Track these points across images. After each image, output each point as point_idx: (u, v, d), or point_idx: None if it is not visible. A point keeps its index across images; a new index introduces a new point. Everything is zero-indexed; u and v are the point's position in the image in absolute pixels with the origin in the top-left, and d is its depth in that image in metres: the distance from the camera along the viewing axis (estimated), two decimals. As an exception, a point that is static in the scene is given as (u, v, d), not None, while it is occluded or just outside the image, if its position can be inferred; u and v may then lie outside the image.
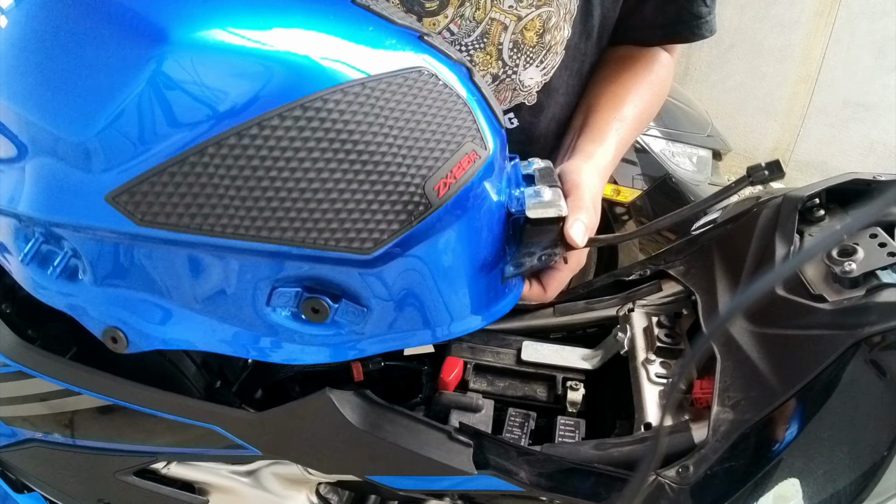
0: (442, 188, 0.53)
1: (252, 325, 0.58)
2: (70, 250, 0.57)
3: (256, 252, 0.53)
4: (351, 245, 0.53)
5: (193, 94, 0.48)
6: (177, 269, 0.55)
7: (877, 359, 0.68)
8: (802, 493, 0.68)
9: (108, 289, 0.59)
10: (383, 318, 0.60)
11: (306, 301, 0.55)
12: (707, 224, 1.13)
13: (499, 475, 0.78)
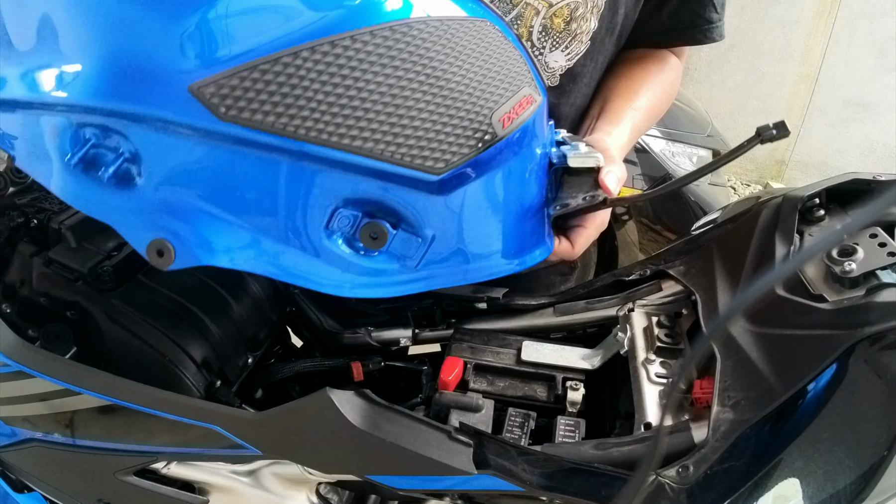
0: (506, 121, 0.57)
1: (306, 248, 0.57)
2: (126, 152, 0.53)
3: (331, 162, 0.52)
4: (424, 163, 0.54)
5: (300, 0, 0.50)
6: (245, 175, 0.53)
7: (877, 359, 0.68)
8: (802, 493, 0.68)
9: (164, 195, 0.55)
10: (436, 251, 0.60)
11: (366, 226, 0.55)
12: (707, 224, 1.13)
13: (499, 475, 0.78)
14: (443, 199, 0.57)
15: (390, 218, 0.56)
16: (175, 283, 1.00)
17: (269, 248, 0.58)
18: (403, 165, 0.54)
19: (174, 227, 0.56)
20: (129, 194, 0.56)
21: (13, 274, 0.95)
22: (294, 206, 0.55)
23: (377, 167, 0.53)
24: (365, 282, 0.60)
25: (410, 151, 0.53)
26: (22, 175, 1.07)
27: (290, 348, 1.22)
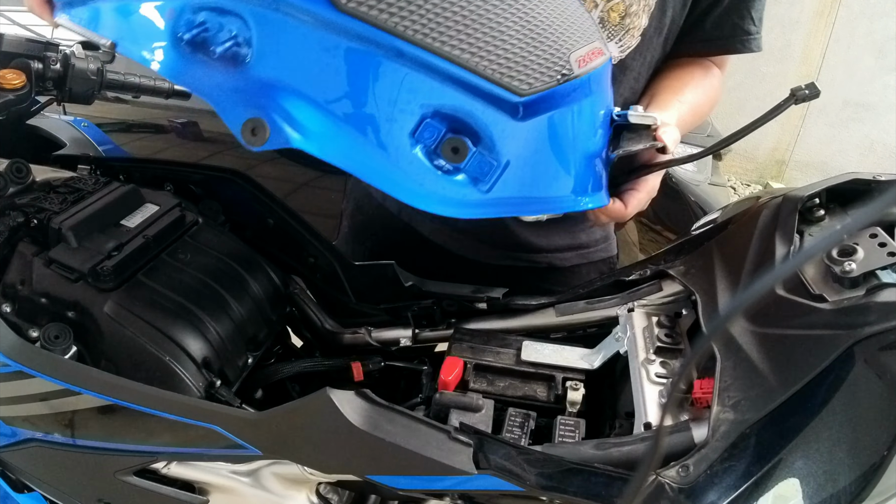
0: (581, 62, 0.61)
1: (390, 151, 0.57)
2: (239, 34, 0.55)
3: (430, 68, 0.55)
4: (511, 82, 0.57)
5: None
6: (349, 67, 0.55)
7: (877, 359, 0.68)
8: (802, 493, 0.68)
9: (269, 76, 0.56)
10: (507, 178, 0.62)
11: (448, 140, 0.57)
12: (707, 224, 1.13)
13: (499, 475, 0.78)
14: (521, 124, 0.60)
15: (472, 138, 0.59)
16: (175, 282, 1.00)
17: (358, 144, 0.58)
18: (493, 81, 0.57)
19: (271, 108, 0.57)
20: (234, 73, 0.57)
21: (13, 274, 0.95)
22: (389, 106, 0.57)
23: (470, 79, 0.56)
24: (437, 197, 0.61)
25: (500, 69, 0.57)
26: (22, 175, 1.07)
27: (290, 348, 1.22)
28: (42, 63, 1.16)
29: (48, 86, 1.18)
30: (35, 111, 1.20)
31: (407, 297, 1.21)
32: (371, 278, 1.23)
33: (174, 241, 1.07)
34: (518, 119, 0.60)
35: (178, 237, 1.08)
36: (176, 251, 1.06)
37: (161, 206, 1.10)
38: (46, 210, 1.00)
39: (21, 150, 1.11)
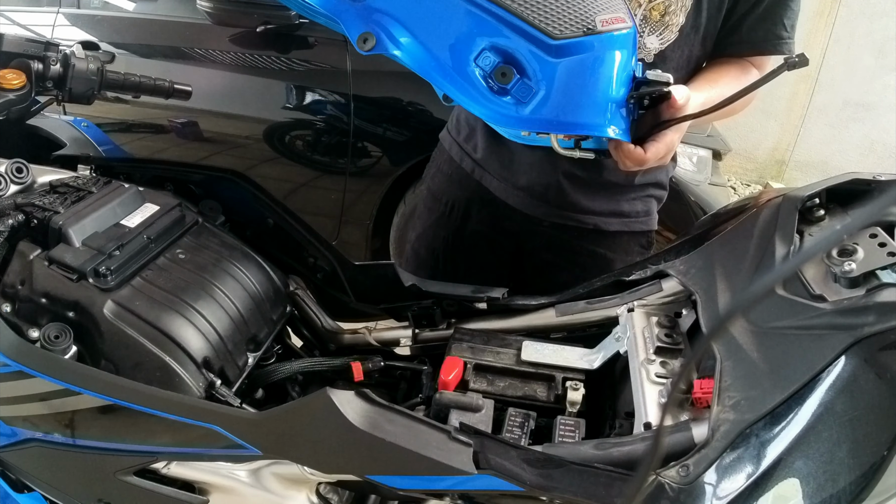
0: (604, 23, 0.82)
1: (457, 69, 0.81)
2: None
3: (491, 12, 0.78)
4: (548, 27, 0.79)
5: None
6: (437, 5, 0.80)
7: (877, 359, 0.68)
8: (802, 492, 0.68)
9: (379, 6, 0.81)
10: (544, 102, 0.82)
11: (500, 67, 0.79)
12: (706, 223, 1.13)
13: (499, 475, 0.78)
14: (555, 61, 0.80)
15: (517, 68, 0.80)
16: (175, 282, 1.00)
17: (436, 61, 0.82)
18: (534, 25, 0.79)
19: (379, 27, 0.81)
20: (354, 3, 0.81)
21: (13, 274, 0.95)
22: (459, 36, 0.81)
23: (517, 22, 0.78)
24: (489, 110, 0.82)
25: (541, 17, 0.79)
26: (22, 175, 1.07)
27: (290, 348, 1.22)
28: (42, 63, 1.16)
29: (48, 86, 1.18)
30: (35, 111, 1.20)
31: (407, 297, 1.21)
32: (371, 278, 1.23)
33: (174, 241, 1.07)
34: (552, 57, 0.80)
35: (178, 237, 1.08)
36: (176, 251, 1.06)
37: (161, 206, 1.10)
38: (46, 210, 0.99)
39: (21, 150, 1.11)
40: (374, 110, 2.17)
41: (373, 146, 2.19)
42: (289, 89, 2.22)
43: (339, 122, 2.18)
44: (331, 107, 2.20)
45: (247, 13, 2.08)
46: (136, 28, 2.44)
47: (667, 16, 1.06)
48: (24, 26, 2.55)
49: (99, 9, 2.51)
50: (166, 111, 2.34)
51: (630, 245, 1.29)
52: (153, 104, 2.10)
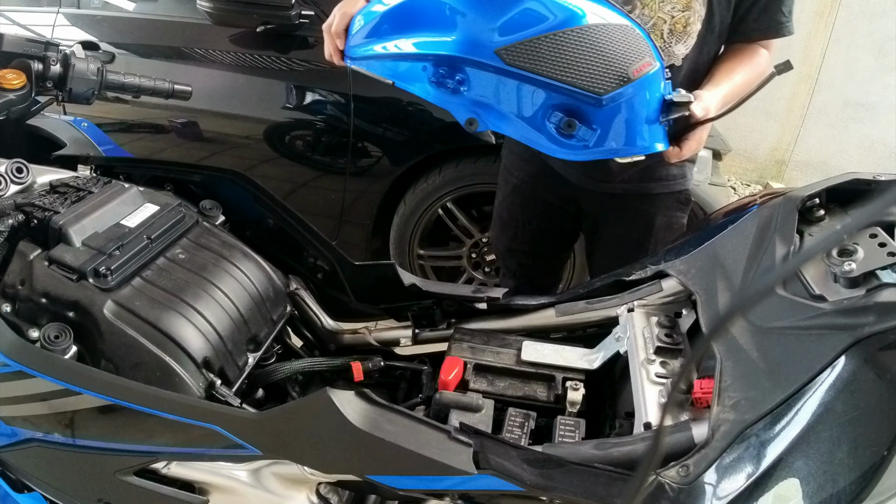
0: (634, 73, 1.06)
1: (538, 129, 1.08)
2: (461, 77, 1.08)
3: (556, 87, 1.04)
4: (595, 88, 1.04)
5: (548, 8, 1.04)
6: (517, 93, 1.06)
7: (877, 359, 0.68)
8: (802, 492, 0.68)
9: (476, 98, 1.08)
10: (602, 139, 1.07)
11: (566, 121, 1.05)
12: (706, 223, 1.13)
13: (499, 475, 0.78)
14: (604, 109, 1.05)
15: (578, 118, 1.06)
16: (175, 282, 1.00)
17: (520, 126, 1.09)
18: (585, 89, 1.04)
19: (478, 111, 1.09)
20: (460, 96, 1.08)
21: (13, 274, 0.94)
22: (533, 106, 1.07)
23: (573, 89, 1.04)
24: (563, 151, 1.08)
25: (588, 82, 1.04)
26: (22, 175, 1.07)
27: (290, 348, 1.22)
28: (42, 63, 1.16)
29: (48, 86, 1.18)
30: (35, 111, 1.20)
31: (407, 297, 1.21)
32: (371, 278, 1.23)
33: (174, 241, 1.07)
34: (602, 107, 1.05)
35: (179, 237, 1.08)
36: (176, 251, 1.06)
37: (161, 206, 1.10)
38: (46, 210, 0.99)
39: (21, 150, 1.11)
40: (374, 110, 2.17)
41: (373, 146, 2.19)
42: (289, 89, 2.21)
43: (339, 122, 2.17)
44: (331, 107, 2.20)
45: (247, 13, 2.08)
46: (136, 28, 2.44)
47: (688, 26, 1.30)
48: (24, 26, 2.55)
49: (99, 9, 2.51)
50: (166, 111, 2.33)
51: (669, 202, 1.53)
52: (153, 104, 2.10)
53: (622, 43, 1.07)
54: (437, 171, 2.16)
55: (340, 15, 1.21)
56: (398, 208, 2.28)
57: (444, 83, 1.09)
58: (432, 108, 2.10)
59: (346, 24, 1.20)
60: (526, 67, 1.05)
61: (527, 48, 1.04)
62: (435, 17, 1.10)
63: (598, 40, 1.05)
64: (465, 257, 2.29)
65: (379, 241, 2.39)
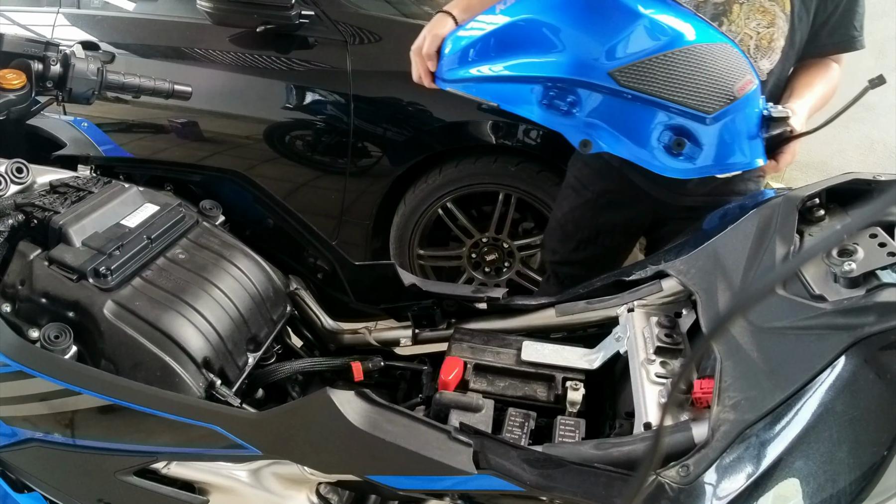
0: (740, 90, 1.11)
1: (649, 148, 1.12)
2: (573, 98, 1.10)
3: (668, 108, 1.08)
4: (703, 107, 1.08)
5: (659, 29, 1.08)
6: (630, 113, 1.09)
7: (877, 359, 0.68)
8: (802, 492, 0.68)
9: (587, 119, 1.11)
10: (709, 156, 1.12)
11: (675, 139, 1.10)
12: (706, 223, 1.13)
13: (499, 475, 0.78)
14: (711, 127, 1.10)
15: (686, 137, 1.10)
16: (175, 282, 1.00)
17: (631, 146, 1.12)
18: (694, 108, 1.08)
19: (590, 133, 1.11)
20: (572, 118, 1.11)
21: (13, 274, 0.94)
22: (644, 126, 1.10)
23: (683, 109, 1.08)
24: (671, 169, 1.12)
25: (697, 101, 1.08)
26: (22, 175, 1.07)
27: (290, 348, 1.22)
28: (42, 63, 1.16)
29: (48, 86, 1.18)
30: (35, 111, 1.20)
31: (407, 297, 1.21)
32: (371, 278, 1.23)
33: (174, 242, 1.07)
34: (709, 125, 1.10)
35: (178, 237, 1.08)
36: (176, 251, 1.06)
37: (161, 206, 1.10)
38: (46, 210, 0.99)
39: (21, 150, 1.11)
40: (374, 110, 2.16)
41: (373, 146, 2.19)
42: (289, 89, 2.21)
43: (339, 122, 2.17)
44: (331, 107, 2.20)
45: (247, 13, 2.08)
46: (136, 28, 2.44)
47: (773, 42, 1.35)
48: (24, 26, 2.55)
49: (99, 9, 2.51)
50: (166, 111, 2.33)
51: None
52: (153, 104, 2.10)
53: (725, 62, 1.11)
54: (437, 171, 2.16)
55: (431, 37, 1.22)
56: (398, 208, 2.27)
57: (555, 105, 1.11)
58: (432, 107, 2.10)
59: (438, 46, 1.21)
60: (639, 88, 1.07)
61: (639, 69, 1.06)
62: (541, 39, 1.11)
63: (705, 60, 1.09)
64: (465, 257, 2.28)
65: (379, 241, 2.39)
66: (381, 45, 2.16)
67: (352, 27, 2.16)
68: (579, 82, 1.09)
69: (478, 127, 2.07)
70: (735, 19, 1.33)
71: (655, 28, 1.07)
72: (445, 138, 2.12)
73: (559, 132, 1.13)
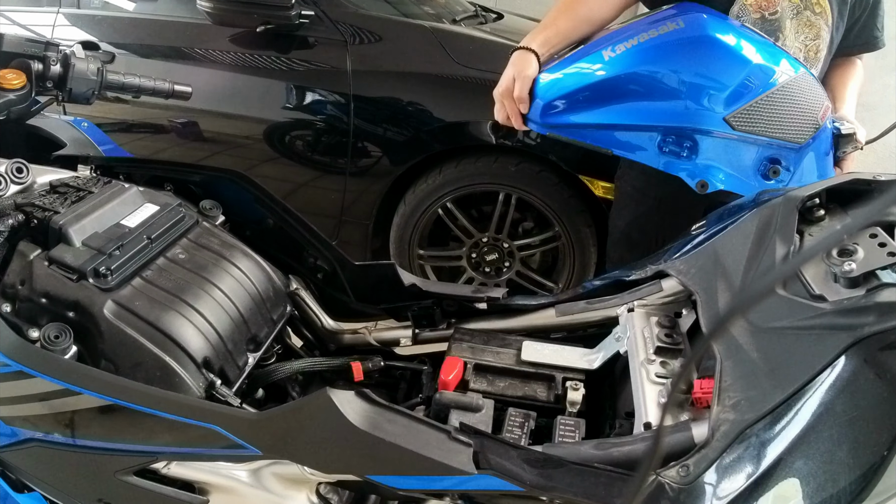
0: (822, 117, 1.24)
1: (750, 176, 1.22)
2: (688, 144, 1.19)
3: (771, 144, 1.19)
4: (796, 138, 1.21)
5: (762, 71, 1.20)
6: (739, 151, 1.20)
7: (877, 359, 0.68)
8: (802, 493, 0.68)
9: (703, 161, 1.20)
10: (795, 178, 1.23)
11: (771, 167, 1.21)
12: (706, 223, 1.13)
13: (499, 475, 0.78)
14: (802, 153, 1.22)
15: (781, 166, 1.21)
16: (175, 282, 1.00)
17: (738, 178, 1.22)
18: (789, 140, 1.21)
19: (707, 174, 1.21)
20: (689, 162, 1.20)
21: (13, 274, 0.94)
22: (752, 162, 1.22)
23: (779, 142, 1.20)
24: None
25: (793, 134, 1.21)
26: (22, 175, 1.07)
27: (290, 348, 1.22)
28: (42, 63, 1.16)
29: (48, 86, 1.18)
30: (35, 111, 1.20)
31: (407, 297, 1.21)
32: (371, 278, 1.23)
33: (174, 241, 1.07)
34: (800, 152, 1.23)
35: (178, 237, 1.08)
36: (176, 251, 1.06)
37: (161, 206, 1.10)
38: (46, 210, 0.99)
39: (21, 150, 1.11)
40: (374, 110, 2.17)
41: (373, 146, 2.19)
42: (289, 89, 2.21)
43: (339, 122, 2.17)
44: (331, 107, 2.20)
45: (247, 13, 2.08)
46: (136, 28, 2.44)
47: (818, 52, 1.42)
48: (24, 26, 2.55)
49: (99, 9, 2.51)
50: (166, 111, 2.33)
51: None
52: (153, 104, 2.10)
53: (808, 91, 1.23)
54: (437, 171, 2.16)
55: (522, 79, 1.22)
56: (398, 208, 2.27)
57: (674, 151, 1.19)
58: (432, 108, 2.10)
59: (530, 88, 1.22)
60: (749, 130, 1.17)
61: (748, 112, 1.16)
62: (658, 89, 1.17)
63: (795, 93, 1.20)
64: (465, 257, 2.28)
65: (379, 241, 2.39)
66: (381, 45, 2.16)
67: (352, 27, 2.16)
68: (697, 129, 1.17)
69: (478, 127, 2.07)
70: (788, 34, 1.37)
71: (761, 72, 1.17)
72: (445, 138, 2.12)
73: (675, 175, 1.21)
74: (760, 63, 1.17)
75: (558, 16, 1.32)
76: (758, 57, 1.18)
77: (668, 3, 1.29)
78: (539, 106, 1.23)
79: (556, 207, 2.11)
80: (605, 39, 1.25)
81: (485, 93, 2.13)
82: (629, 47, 1.19)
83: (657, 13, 1.26)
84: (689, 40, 1.18)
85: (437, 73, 2.10)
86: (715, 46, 1.17)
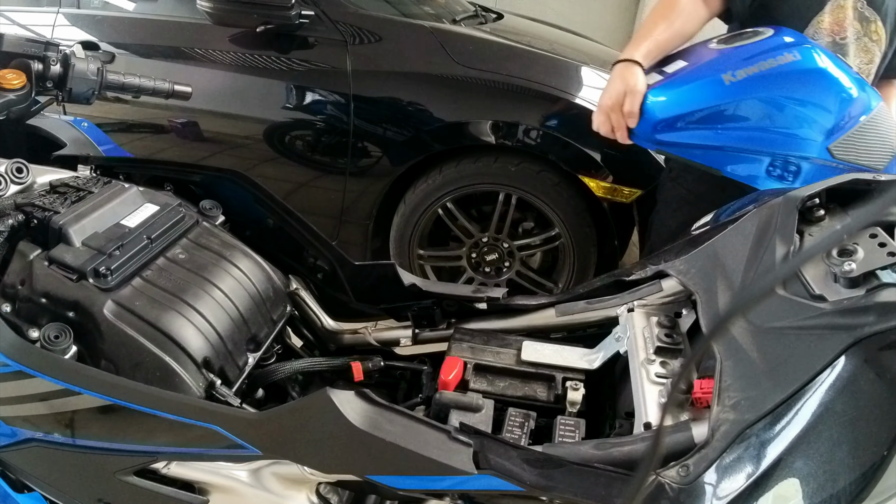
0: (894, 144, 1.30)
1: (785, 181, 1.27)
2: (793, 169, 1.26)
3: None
4: (879, 165, 1.26)
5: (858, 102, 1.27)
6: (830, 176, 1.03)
7: (877, 359, 0.68)
8: (802, 493, 0.68)
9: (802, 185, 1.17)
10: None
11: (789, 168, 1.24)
12: (707, 224, 1.13)
13: (499, 475, 0.78)
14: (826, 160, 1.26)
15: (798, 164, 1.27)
16: (175, 282, 1.00)
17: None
18: (875, 167, 1.26)
19: None
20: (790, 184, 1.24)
21: (13, 274, 0.94)
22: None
23: (869, 170, 1.22)
24: None
25: (875, 162, 1.28)
26: (22, 175, 1.07)
27: (290, 348, 1.22)
28: (42, 63, 1.16)
29: (48, 86, 1.18)
30: (35, 111, 1.20)
31: (407, 297, 1.21)
32: (371, 278, 1.23)
33: (174, 241, 1.07)
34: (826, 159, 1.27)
35: (178, 237, 1.08)
36: (176, 251, 1.06)
37: (161, 206, 1.10)
38: (46, 210, 0.99)
39: (21, 150, 1.11)
40: (374, 110, 2.17)
41: (373, 146, 2.19)
42: (289, 89, 2.21)
43: (339, 122, 2.17)
44: (331, 107, 2.20)
45: (247, 13, 2.08)
46: (136, 28, 2.44)
47: (870, 77, 1.47)
48: (24, 26, 2.55)
49: (99, 9, 2.51)
50: (166, 111, 2.33)
51: None
52: (153, 104, 2.10)
53: (888, 119, 1.29)
54: (437, 171, 2.16)
55: (633, 94, 1.23)
56: (398, 208, 2.27)
57: (781, 176, 1.26)
58: (432, 108, 2.10)
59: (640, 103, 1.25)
60: (845, 158, 1.24)
61: (846, 142, 1.23)
62: (774, 116, 1.24)
63: (878, 123, 1.26)
64: (465, 257, 2.28)
65: (379, 241, 2.39)
66: (381, 45, 2.16)
67: (352, 27, 2.16)
68: (805, 157, 1.24)
69: (478, 127, 2.06)
70: (851, 59, 1.41)
71: (860, 103, 1.24)
72: (445, 138, 2.12)
73: None
74: (860, 95, 1.24)
75: (654, 28, 1.34)
76: (856, 89, 1.24)
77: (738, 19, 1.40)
78: (650, 122, 1.25)
79: (557, 207, 2.11)
80: (719, 62, 1.28)
81: (485, 93, 2.15)
82: (750, 74, 1.24)
83: (768, 39, 1.29)
84: (805, 72, 1.24)
85: (437, 73, 2.10)
86: (827, 80, 1.24)
